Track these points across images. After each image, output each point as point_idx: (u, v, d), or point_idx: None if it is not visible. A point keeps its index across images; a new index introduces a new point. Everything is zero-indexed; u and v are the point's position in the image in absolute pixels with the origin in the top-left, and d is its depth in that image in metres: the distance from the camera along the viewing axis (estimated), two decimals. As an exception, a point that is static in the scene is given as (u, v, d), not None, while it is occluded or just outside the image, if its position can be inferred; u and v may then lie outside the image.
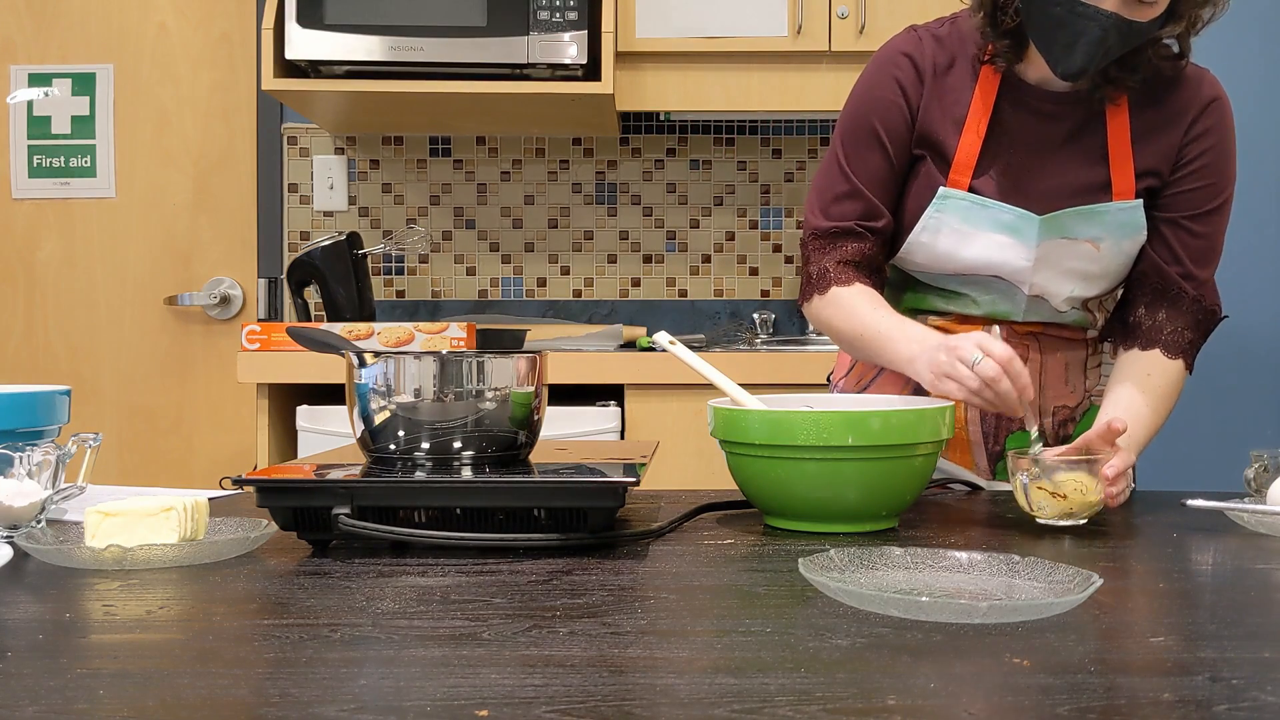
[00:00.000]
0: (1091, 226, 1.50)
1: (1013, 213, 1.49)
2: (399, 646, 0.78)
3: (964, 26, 1.54)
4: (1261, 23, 2.45)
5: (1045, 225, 1.49)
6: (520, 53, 2.63)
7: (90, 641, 0.81)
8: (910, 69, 1.53)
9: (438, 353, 1.17)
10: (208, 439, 3.22)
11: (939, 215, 1.50)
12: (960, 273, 1.54)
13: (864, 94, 1.55)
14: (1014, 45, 1.47)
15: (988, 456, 1.59)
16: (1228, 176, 1.53)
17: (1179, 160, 1.51)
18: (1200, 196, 1.52)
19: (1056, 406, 1.59)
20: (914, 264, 1.56)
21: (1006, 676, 0.71)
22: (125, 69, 3.19)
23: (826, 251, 1.55)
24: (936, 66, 1.53)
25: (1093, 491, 1.22)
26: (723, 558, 1.09)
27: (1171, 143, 1.51)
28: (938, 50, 1.53)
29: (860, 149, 1.54)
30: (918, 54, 1.53)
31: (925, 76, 1.52)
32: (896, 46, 1.55)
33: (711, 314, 3.18)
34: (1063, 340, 1.59)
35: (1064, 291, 1.53)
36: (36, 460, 1.15)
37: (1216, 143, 1.51)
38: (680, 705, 0.66)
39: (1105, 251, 1.51)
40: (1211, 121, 1.51)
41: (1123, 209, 1.49)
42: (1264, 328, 2.44)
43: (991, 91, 1.51)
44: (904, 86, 1.52)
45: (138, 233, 3.21)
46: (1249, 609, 0.90)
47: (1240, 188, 1.55)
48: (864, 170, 1.53)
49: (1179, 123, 1.50)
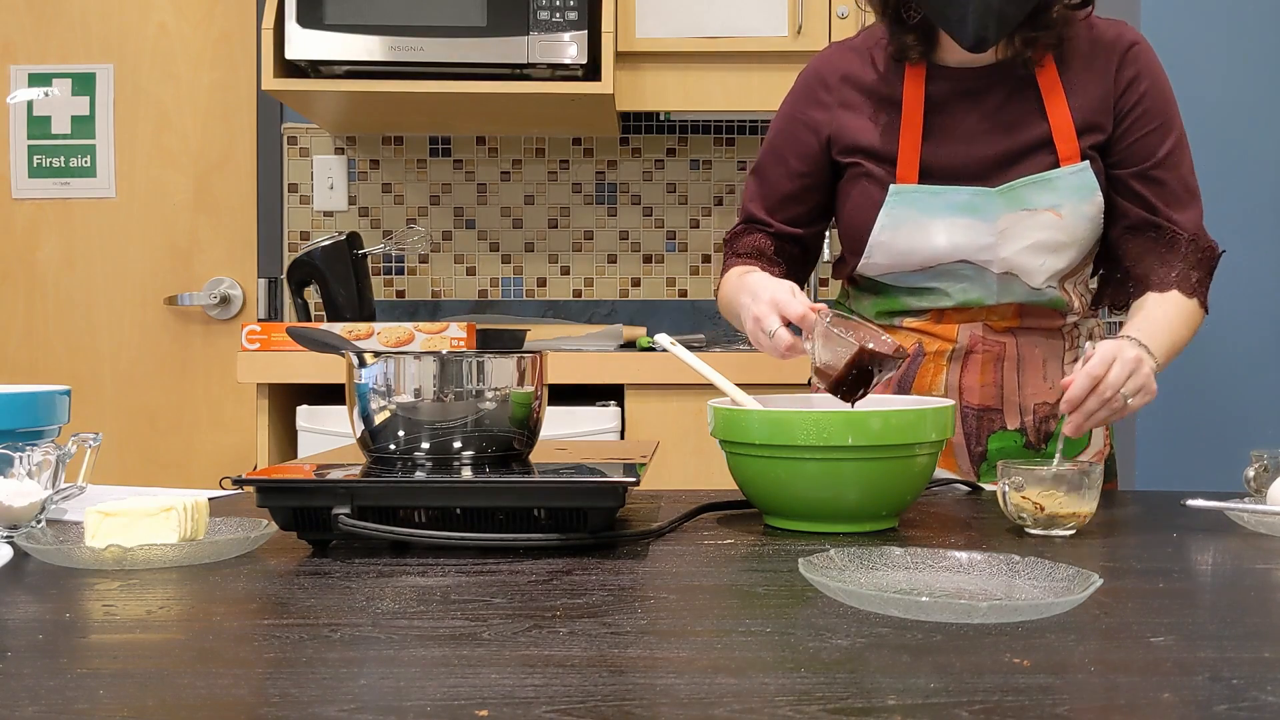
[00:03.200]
0: (1047, 194, 1.52)
1: (968, 192, 1.52)
2: (399, 646, 0.78)
3: (879, 31, 1.60)
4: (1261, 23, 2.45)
5: (1003, 198, 1.51)
6: (520, 53, 2.63)
7: (90, 641, 0.81)
8: (820, 87, 1.62)
9: (438, 353, 1.17)
10: (208, 439, 3.22)
11: (895, 211, 1.53)
12: (926, 266, 1.55)
13: (779, 117, 1.67)
14: (923, 37, 1.53)
15: (970, 458, 1.59)
16: (1171, 115, 1.56)
17: (1118, 111, 1.54)
18: (1152, 141, 1.54)
19: (1036, 404, 1.58)
20: (878, 267, 1.58)
21: (1006, 676, 0.71)
22: (125, 69, 3.19)
23: (726, 255, 1.70)
24: (852, 76, 1.59)
25: (1072, 503, 1.20)
26: (723, 558, 1.09)
27: (1105, 94, 1.54)
28: (852, 59, 1.61)
29: (766, 169, 1.67)
30: (826, 69, 1.62)
31: (833, 88, 1.60)
32: (810, 67, 1.66)
33: (711, 314, 3.18)
34: (1040, 332, 1.59)
35: (1037, 266, 1.54)
36: (36, 460, 1.15)
37: (1150, 85, 1.55)
38: (680, 705, 0.66)
39: (1067, 218, 1.53)
40: (1138, 66, 1.55)
41: (1073, 173, 1.52)
42: (1264, 328, 2.44)
43: (919, 84, 1.55)
44: (812, 107, 1.61)
45: (138, 233, 3.21)
46: (1249, 609, 0.90)
47: (1240, 188, 1.56)
48: (764, 186, 1.66)
49: (1105, 72, 1.54)
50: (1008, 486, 1.20)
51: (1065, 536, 1.19)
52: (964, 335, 1.57)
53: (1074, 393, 1.34)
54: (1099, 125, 1.54)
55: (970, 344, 1.57)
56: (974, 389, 1.57)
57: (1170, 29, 2.13)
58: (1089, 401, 1.35)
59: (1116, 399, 1.35)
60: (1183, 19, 2.38)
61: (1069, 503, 1.18)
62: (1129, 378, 1.36)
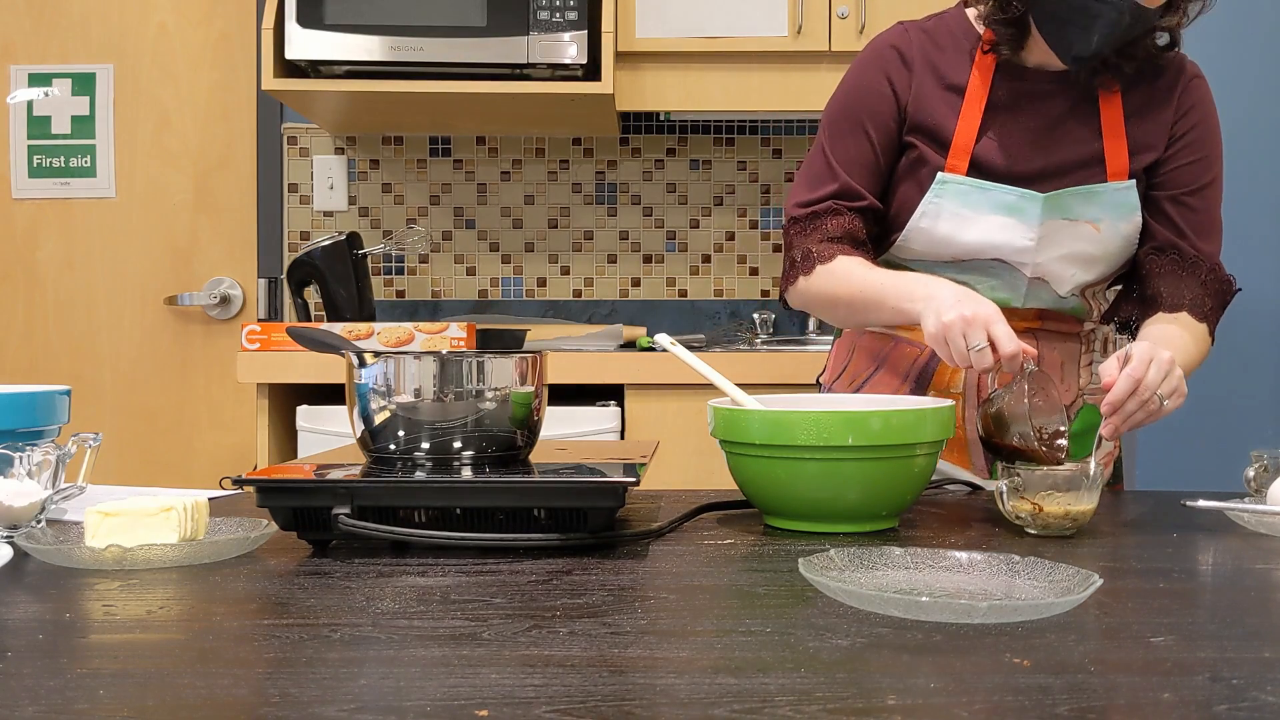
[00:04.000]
0: (1091, 207, 1.53)
1: (1015, 193, 1.52)
2: (399, 646, 0.78)
3: (951, 22, 1.59)
4: (1262, 23, 2.45)
5: (1048, 204, 1.51)
6: (520, 53, 2.63)
7: (90, 641, 0.81)
8: (897, 60, 1.57)
9: (438, 353, 1.17)
10: (208, 439, 3.22)
11: (938, 200, 1.53)
12: (960, 258, 1.55)
13: (850, 86, 1.59)
14: (1017, 33, 1.51)
15: (985, 456, 1.59)
16: (1215, 152, 1.59)
17: (1172, 135, 1.56)
18: (1196, 169, 1.57)
19: None
20: (912, 252, 1.57)
21: (1006, 676, 0.71)
22: (125, 69, 3.19)
23: (808, 234, 1.57)
24: (925, 56, 1.57)
25: (1070, 503, 1.20)
26: (723, 558, 1.09)
27: (1164, 119, 1.56)
28: (925, 41, 1.58)
29: (843, 137, 1.57)
30: (904, 46, 1.58)
31: (913, 66, 1.56)
32: (884, 40, 1.60)
33: (711, 314, 3.18)
34: (1059, 335, 1.60)
35: (1066, 276, 1.55)
36: (36, 460, 1.15)
37: (1203, 117, 1.57)
38: (680, 705, 0.66)
39: (1105, 233, 1.54)
40: (1196, 97, 1.58)
41: (1118, 189, 1.53)
42: (1264, 328, 2.44)
43: (987, 76, 1.55)
44: (891, 78, 1.56)
45: (138, 233, 3.21)
46: (1249, 609, 0.90)
47: (1240, 188, 1.57)
48: (845, 156, 1.56)
49: (1168, 99, 1.56)
50: (1005, 487, 1.20)
51: (1064, 537, 1.19)
52: None
53: (1116, 395, 1.31)
54: (1153, 146, 1.55)
55: None
56: None
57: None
58: (1129, 403, 1.32)
59: (1153, 401, 1.33)
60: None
61: (1068, 503, 1.18)
62: (1164, 379, 1.33)
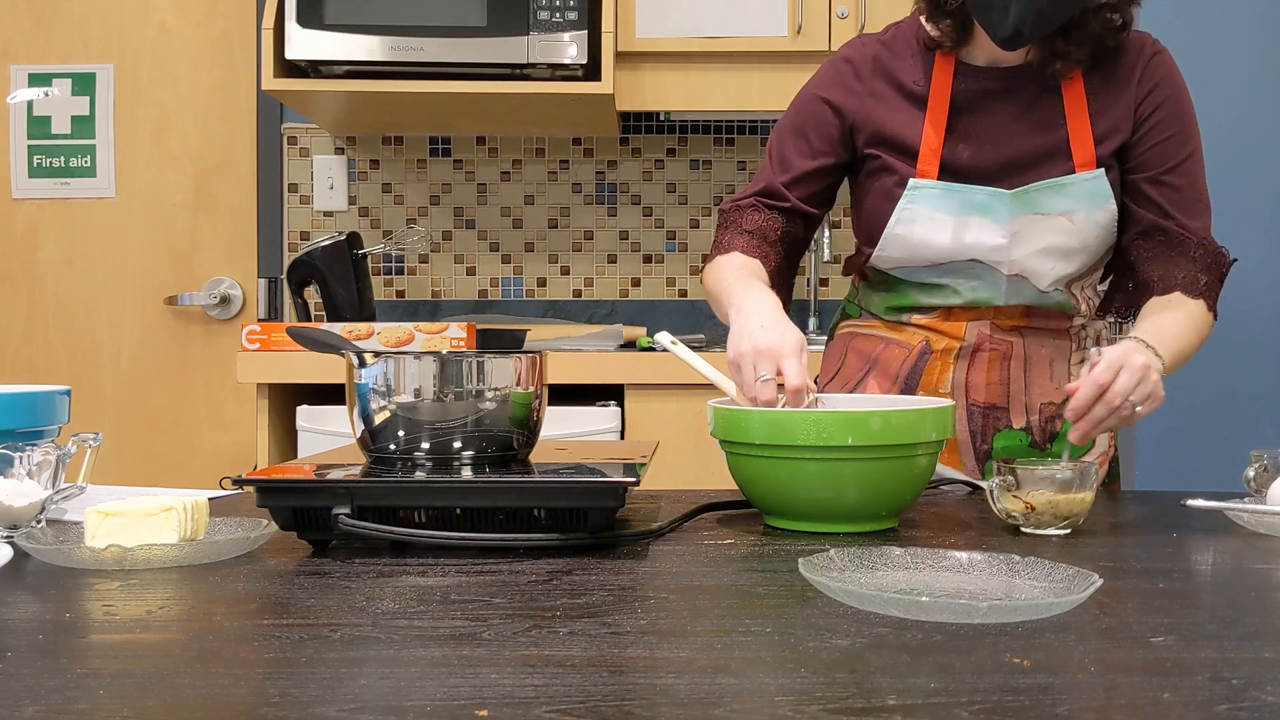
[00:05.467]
0: (1062, 200, 1.53)
1: (983, 192, 1.52)
2: (399, 646, 0.78)
3: (907, 29, 1.60)
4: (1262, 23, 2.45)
5: (1016, 201, 1.52)
6: (520, 53, 2.63)
7: (90, 641, 0.81)
8: (850, 72, 1.60)
9: (438, 353, 1.17)
10: (208, 439, 3.22)
11: (911, 206, 1.54)
12: (938, 262, 1.55)
13: (802, 95, 1.64)
14: (957, 25, 1.53)
15: (975, 456, 1.59)
16: (1189, 124, 1.57)
17: (1138, 117, 1.55)
18: (1170, 147, 1.55)
19: (1042, 403, 1.59)
20: (892, 260, 1.58)
21: (1006, 676, 0.71)
22: (125, 69, 3.19)
23: (726, 228, 1.64)
24: (881, 66, 1.59)
25: (1063, 503, 1.20)
26: (723, 558, 1.09)
27: (1126, 99, 1.55)
28: (883, 51, 1.60)
29: (784, 141, 1.63)
30: (857, 57, 1.61)
31: (864, 76, 1.59)
32: (840, 53, 1.64)
33: (711, 314, 3.18)
34: (1048, 332, 1.60)
35: (1045, 271, 1.55)
36: (36, 460, 1.15)
37: (1171, 93, 1.56)
38: (680, 705, 0.66)
39: (1080, 224, 1.53)
40: (1160, 74, 1.56)
41: (1088, 179, 1.52)
42: (1264, 328, 2.44)
43: (946, 81, 1.56)
44: (841, 88, 1.60)
45: (138, 233, 3.21)
46: (1249, 609, 0.90)
47: (1240, 188, 1.56)
48: (782, 159, 1.62)
49: (1129, 79, 1.55)
50: (997, 485, 1.20)
51: (1060, 536, 1.19)
52: (971, 333, 1.58)
53: (1078, 401, 1.32)
54: (1118, 128, 1.54)
55: (978, 342, 1.57)
56: (980, 387, 1.58)
57: (1170, 31, 2.13)
58: (1096, 409, 1.32)
59: (1124, 406, 1.33)
60: (1181, 22, 2.38)
61: (1060, 503, 1.18)
62: (1137, 385, 1.33)
